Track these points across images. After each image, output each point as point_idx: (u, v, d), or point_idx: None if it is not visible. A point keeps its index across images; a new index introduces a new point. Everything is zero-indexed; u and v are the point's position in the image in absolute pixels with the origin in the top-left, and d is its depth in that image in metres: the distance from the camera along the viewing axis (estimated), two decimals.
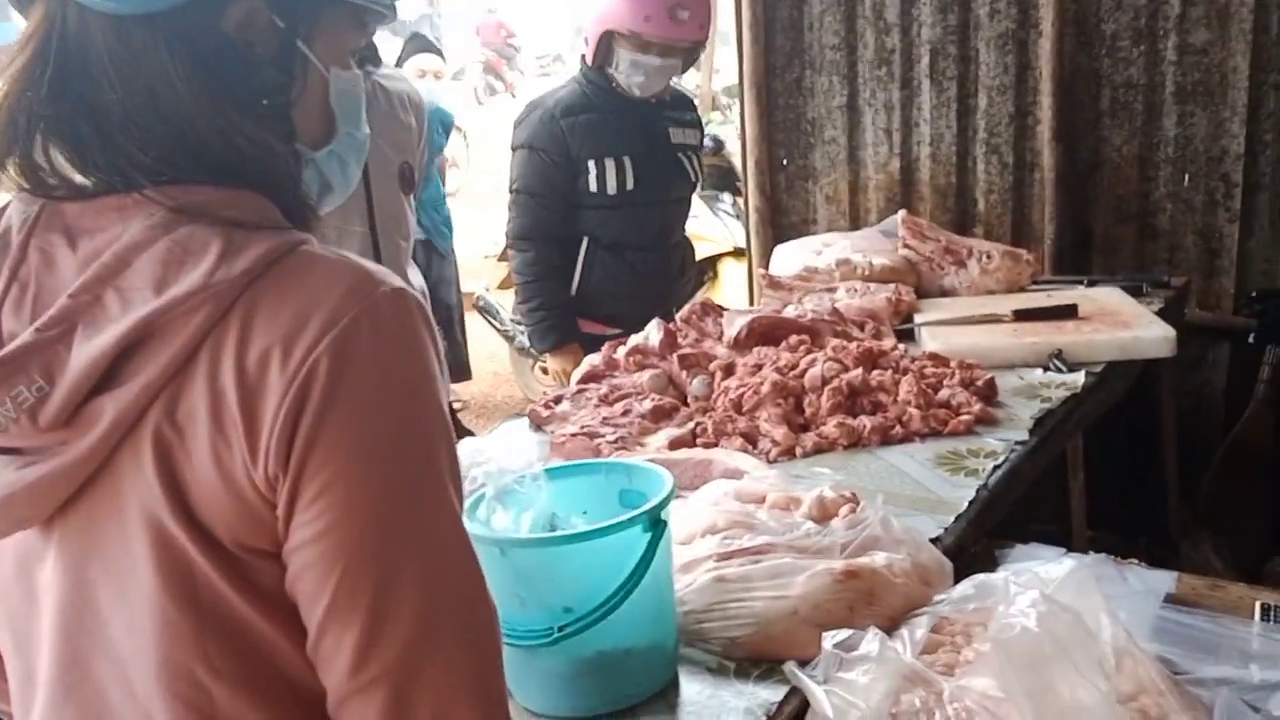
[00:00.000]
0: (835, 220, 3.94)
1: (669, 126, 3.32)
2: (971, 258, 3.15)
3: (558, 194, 3.21)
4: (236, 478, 0.85)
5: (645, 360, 2.52)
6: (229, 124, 0.91)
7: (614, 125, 3.22)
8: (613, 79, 3.18)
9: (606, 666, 1.35)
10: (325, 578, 0.85)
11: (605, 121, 3.21)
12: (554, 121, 3.17)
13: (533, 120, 3.22)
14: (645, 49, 3.10)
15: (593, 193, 3.20)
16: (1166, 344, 2.58)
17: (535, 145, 3.19)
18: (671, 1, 3.03)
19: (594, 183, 3.19)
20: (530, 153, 3.20)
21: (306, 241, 0.91)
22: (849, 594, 1.44)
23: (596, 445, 2.14)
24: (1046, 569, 1.39)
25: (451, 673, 0.86)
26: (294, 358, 0.84)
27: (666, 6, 3.03)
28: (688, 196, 3.49)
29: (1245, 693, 1.35)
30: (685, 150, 3.36)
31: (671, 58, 3.16)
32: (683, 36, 3.11)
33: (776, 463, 2.07)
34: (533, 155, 3.19)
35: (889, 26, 3.70)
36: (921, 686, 1.25)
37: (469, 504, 1.38)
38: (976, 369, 2.36)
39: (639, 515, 1.32)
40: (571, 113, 3.18)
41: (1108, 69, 3.39)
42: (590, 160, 3.18)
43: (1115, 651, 1.27)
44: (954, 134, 3.67)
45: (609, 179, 3.19)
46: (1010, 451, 2.06)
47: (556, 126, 3.16)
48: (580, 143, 3.17)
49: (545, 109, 3.21)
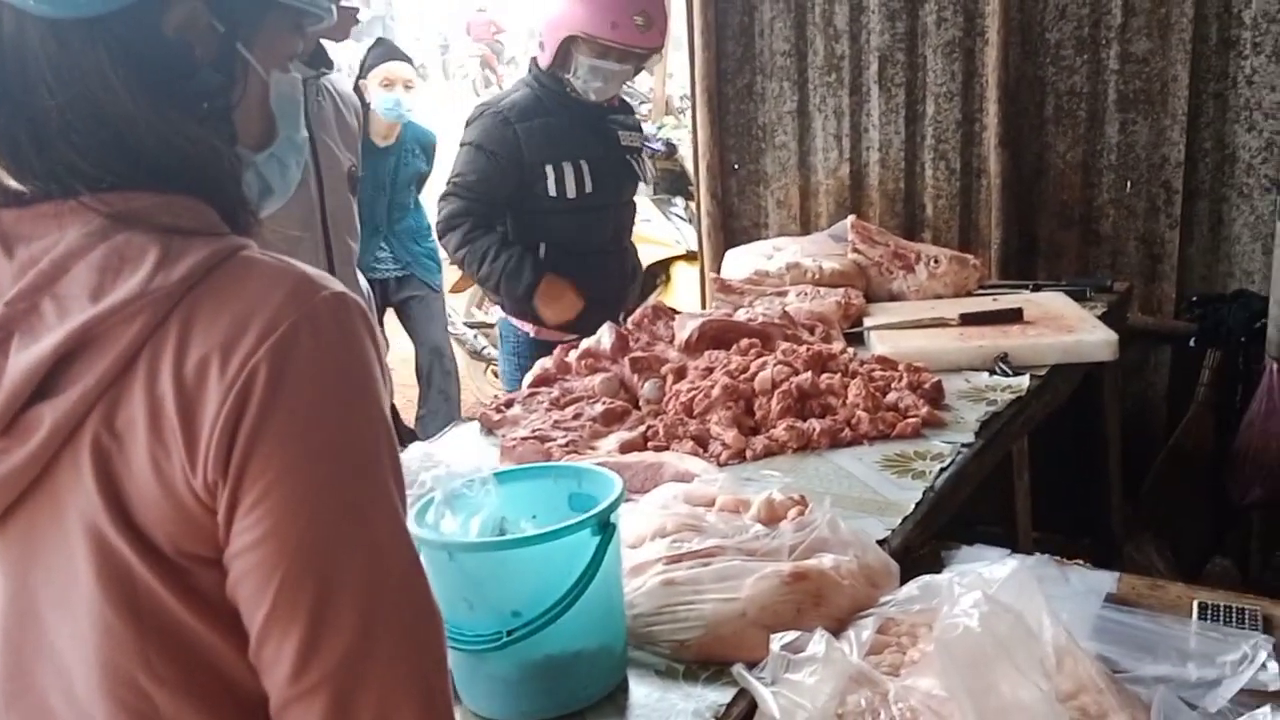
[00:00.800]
0: (786, 225, 3.98)
1: (617, 130, 3.33)
2: (920, 262, 3.19)
3: (493, 196, 3.17)
4: (176, 485, 0.85)
5: (597, 364, 2.52)
6: (170, 127, 0.90)
7: (568, 129, 3.21)
8: (567, 83, 3.18)
9: (555, 670, 1.35)
10: (266, 583, 0.84)
11: (560, 125, 3.20)
12: (508, 125, 3.15)
13: (484, 121, 3.19)
14: (605, 55, 3.10)
15: (553, 197, 3.18)
16: (1109, 348, 2.62)
17: (485, 145, 3.16)
18: (636, 8, 3.04)
19: (553, 187, 3.17)
20: (477, 151, 3.16)
21: (246, 246, 0.91)
22: (797, 596, 1.45)
23: (547, 449, 2.14)
24: (990, 570, 1.40)
25: (394, 677, 0.86)
26: (232, 365, 0.83)
27: (631, 14, 3.05)
28: (634, 199, 3.51)
29: (1182, 690, 1.37)
30: (632, 153, 3.38)
31: (628, 63, 3.17)
32: (646, 43, 3.12)
33: (727, 465, 2.08)
34: (479, 154, 3.16)
35: (838, 33, 3.73)
36: (867, 687, 1.27)
37: (417, 508, 1.37)
38: (924, 372, 2.38)
39: (587, 519, 1.32)
40: (526, 117, 3.16)
41: (1052, 77, 3.45)
42: (548, 165, 3.16)
43: (1056, 650, 1.29)
44: (902, 140, 3.71)
45: (568, 182, 3.18)
46: (956, 454, 2.08)
47: (510, 130, 3.14)
48: (536, 147, 3.16)
49: (498, 111, 3.19)
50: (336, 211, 2.66)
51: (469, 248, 3.17)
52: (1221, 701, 1.38)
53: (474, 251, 3.17)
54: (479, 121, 3.21)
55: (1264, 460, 3.14)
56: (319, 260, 2.57)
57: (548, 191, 3.17)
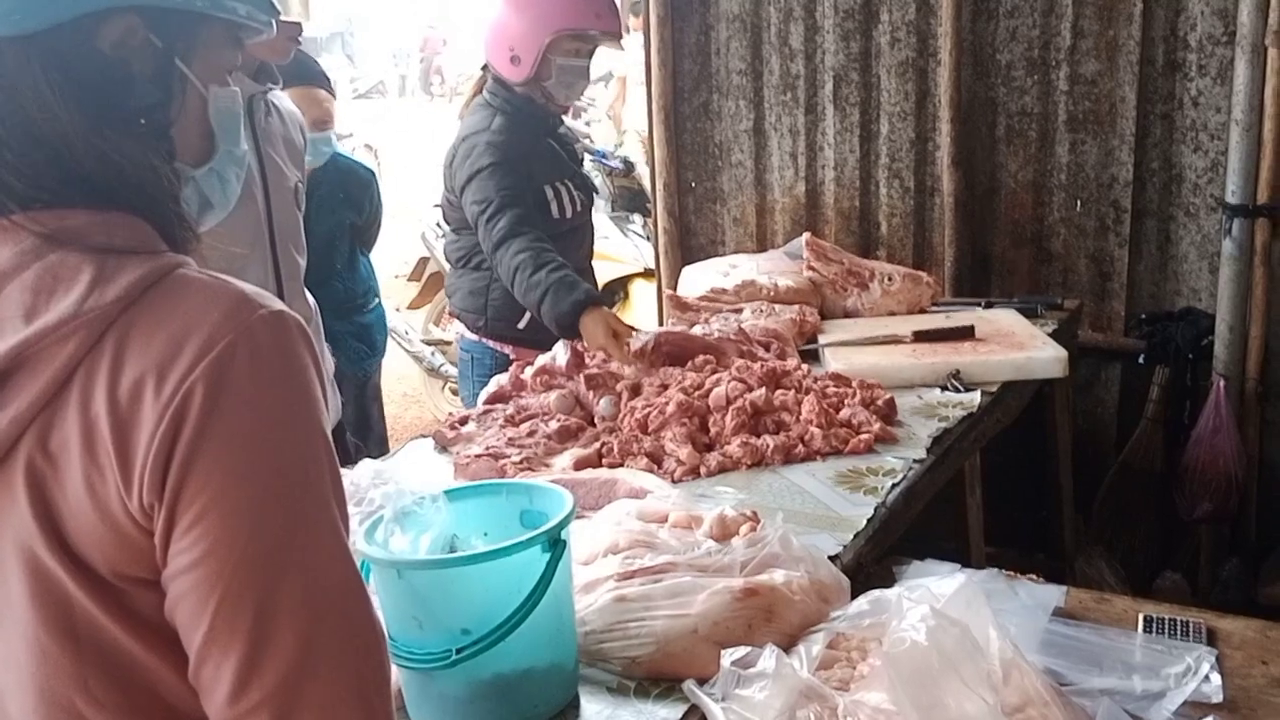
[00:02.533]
0: (743, 242, 4.00)
1: (571, 144, 3.33)
2: (874, 280, 3.21)
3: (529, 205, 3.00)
4: (111, 507, 0.84)
5: (552, 380, 2.52)
6: (107, 144, 0.89)
7: (546, 148, 3.16)
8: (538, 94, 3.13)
9: (505, 688, 1.35)
10: (204, 604, 0.83)
11: (543, 146, 3.14)
12: (509, 146, 3.00)
13: (485, 146, 3.01)
14: (579, 52, 3.09)
15: (555, 219, 3.10)
16: (1059, 364, 2.66)
17: (501, 162, 2.97)
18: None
19: (555, 209, 3.08)
20: (497, 169, 2.97)
21: (183, 264, 0.90)
22: (748, 612, 1.45)
23: (501, 466, 2.13)
24: (939, 584, 1.42)
25: (335, 698, 0.85)
26: (168, 385, 0.82)
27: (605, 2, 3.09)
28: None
29: (1128, 703, 1.39)
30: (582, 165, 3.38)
31: (591, 56, 3.18)
32: (618, 28, 3.14)
33: (681, 482, 2.08)
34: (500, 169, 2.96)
35: (794, 53, 3.77)
36: (817, 702, 1.27)
37: (366, 526, 1.36)
38: (877, 389, 2.40)
39: (538, 535, 1.32)
40: (516, 140, 3.07)
41: (1003, 97, 3.49)
42: (546, 186, 3.09)
43: (1003, 664, 1.30)
44: (857, 159, 3.75)
45: (565, 202, 3.12)
46: (909, 470, 2.10)
47: (513, 151, 3.04)
48: (539, 169, 3.07)
49: (490, 134, 3.03)
50: (284, 227, 2.64)
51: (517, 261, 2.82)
52: (1166, 713, 1.39)
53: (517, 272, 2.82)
54: (480, 148, 3.01)
55: (1211, 475, 3.19)
56: (267, 276, 2.55)
57: (552, 213, 3.07)
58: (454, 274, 3.36)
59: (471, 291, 3.26)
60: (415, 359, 5.83)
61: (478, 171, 2.98)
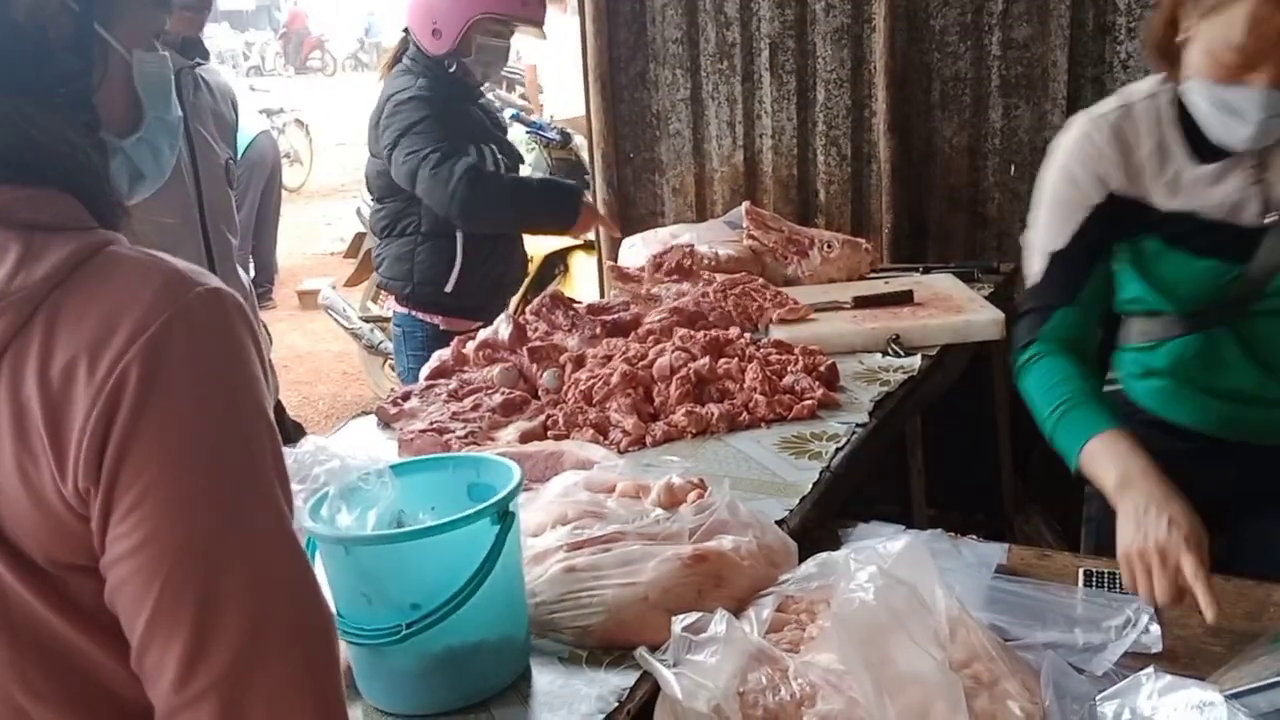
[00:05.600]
0: (683, 212, 3.99)
1: (495, 113, 3.37)
2: (813, 247, 3.23)
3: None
4: (45, 494, 0.81)
5: (495, 354, 2.50)
6: (23, 117, 0.86)
7: (468, 114, 3.24)
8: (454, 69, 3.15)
9: (457, 661, 1.34)
10: (145, 591, 0.81)
11: (466, 111, 3.22)
12: (438, 103, 3.10)
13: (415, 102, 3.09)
14: (502, 33, 3.13)
15: None
16: (996, 327, 2.69)
17: (436, 114, 3.06)
18: None
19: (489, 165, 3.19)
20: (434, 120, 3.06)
21: (114, 242, 0.87)
22: (697, 578, 1.46)
23: (446, 441, 2.12)
24: (885, 545, 1.43)
25: (284, 681, 0.84)
26: (101, 366, 0.80)
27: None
28: None
29: (1070, 655, 1.42)
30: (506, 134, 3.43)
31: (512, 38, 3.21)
32: (542, 17, 3.22)
33: (627, 452, 2.09)
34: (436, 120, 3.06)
35: (729, 20, 3.76)
36: (768, 664, 1.28)
37: (311, 503, 1.35)
38: (819, 355, 2.42)
39: (486, 508, 1.32)
40: (440, 102, 3.13)
41: (937, 63, 3.51)
42: (471, 146, 3.16)
43: (949, 621, 1.32)
44: (794, 126, 3.76)
45: (490, 165, 3.19)
46: (852, 434, 2.12)
47: (441, 109, 3.10)
48: (462, 129, 3.15)
49: (416, 91, 3.11)
50: (214, 205, 2.60)
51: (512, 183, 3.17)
52: (1108, 664, 1.42)
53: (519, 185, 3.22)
54: (410, 105, 3.09)
55: None
56: (199, 255, 2.51)
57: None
58: (380, 244, 3.39)
59: (397, 258, 3.30)
60: (354, 336, 5.77)
61: (410, 126, 3.07)
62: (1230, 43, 1.53)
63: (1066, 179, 1.76)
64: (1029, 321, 1.81)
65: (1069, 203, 1.76)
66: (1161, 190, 1.71)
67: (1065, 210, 1.76)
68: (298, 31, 25.37)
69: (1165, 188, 1.71)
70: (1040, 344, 1.77)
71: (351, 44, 26.41)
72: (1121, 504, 1.52)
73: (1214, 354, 1.78)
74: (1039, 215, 1.81)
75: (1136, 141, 1.72)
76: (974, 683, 1.27)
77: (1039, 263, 1.80)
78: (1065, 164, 1.77)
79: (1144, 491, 1.50)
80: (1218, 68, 1.56)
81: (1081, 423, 1.66)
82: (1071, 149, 1.77)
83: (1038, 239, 1.81)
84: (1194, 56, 1.60)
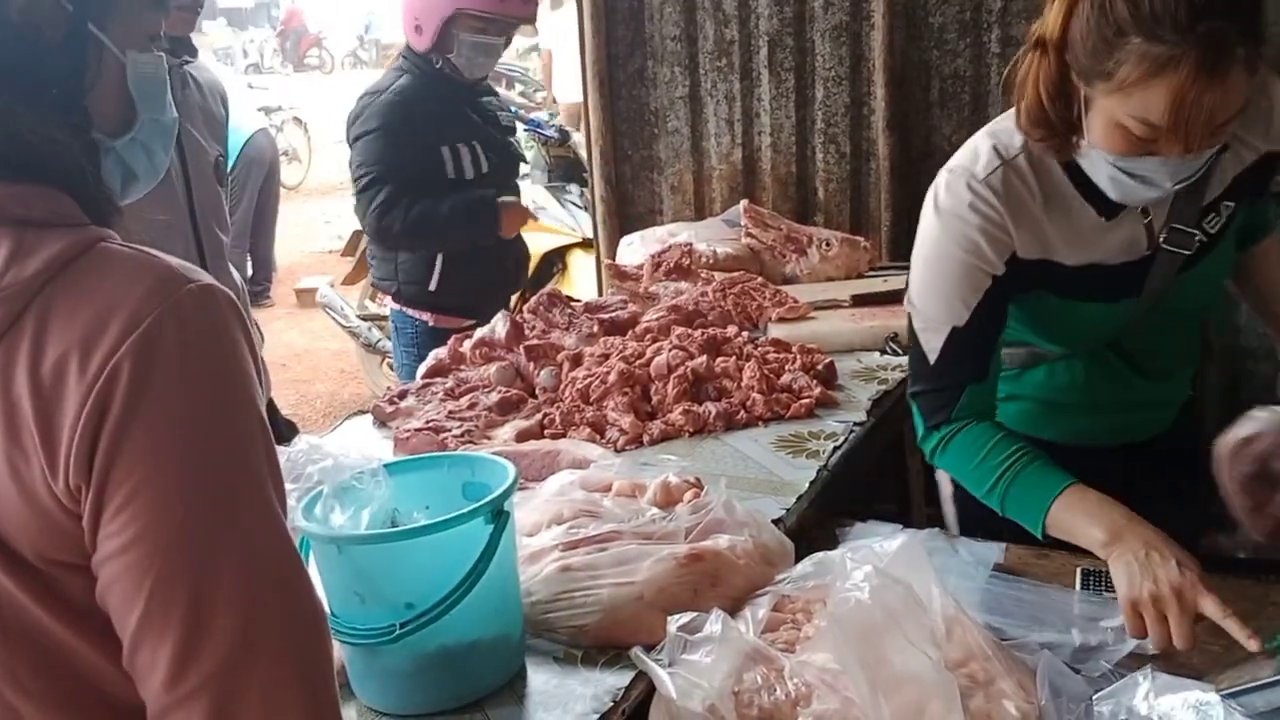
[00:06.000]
0: (681, 210, 3.98)
1: (496, 111, 3.35)
2: (812, 245, 3.23)
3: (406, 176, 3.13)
4: (36, 491, 0.81)
5: (492, 353, 2.50)
6: (11, 116, 0.86)
7: (457, 112, 3.22)
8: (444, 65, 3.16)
9: (451, 661, 1.34)
10: (137, 588, 0.81)
11: (449, 108, 3.20)
12: (406, 105, 3.11)
13: (378, 106, 3.13)
14: (485, 29, 3.11)
15: (452, 179, 3.17)
16: None
17: (386, 127, 3.09)
18: None
19: (452, 169, 3.17)
20: (380, 135, 3.10)
21: (105, 238, 0.87)
22: (693, 577, 1.45)
23: (442, 440, 2.11)
24: (881, 544, 1.42)
25: (276, 679, 0.83)
26: (93, 363, 0.80)
27: None
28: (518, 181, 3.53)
29: (1066, 655, 1.41)
30: (510, 133, 3.40)
31: (503, 36, 3.19)
32: (524, 13, 3.18)
33: (624, 451, 2.08)
34: (382, 137, 3.10)
35: (728, 18, 3.75)
36: (763, 664, 1.28)
37: (305, 502, 1.34)
38: (817, 353, 2.41)
39: (480, 507, 1.31)
40: (419, 99, 3.14)
41: (936, 60, 3.51)
42: (444, 147, 3.16)
43: (945, 620, 1.31)
44: (793, 124, 3.75)
45: (465, 164, 3.18)
46: (849, 433, 2.12)
47: (409, 110, 3.11)
48: (435, 129, 3.14)
49: (388, 94, 3.15)
50: (205, 203, 2.60)
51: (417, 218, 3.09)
52: (1104, 666, 1.42)
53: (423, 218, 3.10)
54: (373, 109, 3.14)
55: None
56: (190, 252, 2.51)
57: (447, 174, 3.16)
58: (370, 244, 3.42)
59: (384, 259, 3.34)
60: (352, 335, 5.76)
61: (363, 134, 3.13)
62: (1147, 119, 1.38)
63: (964, 248, 1.59)
64: (937, 400, 1.67)
65: (970, 272, 1.60)
66: (1064, 247, 1.61)
67: (967, 281, 1.60)
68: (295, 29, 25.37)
69: (1067, 244, 1.61)
70: (955, 423, 1.66)
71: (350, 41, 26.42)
72: (1117, 556, 1.47)
73: (1093, 372, 1.74)
74: (931, 285, 1.65)
75: (1028, 200, 1.60)
76: (970, 682, 1.26)
77: (937, 338, 1.64)
78: (962, 231, 1.60)
79: (1140, 539, 1.46)
80: (1128, 142, 1.43)
81: (1033, 488, 1.57)
82: (964, 215, 1.60)
83: (933, 311, 1.64)
84: (1096, 128, 1.46)
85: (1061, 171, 1.60)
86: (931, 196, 1.66)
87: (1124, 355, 1.74)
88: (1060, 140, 1.53)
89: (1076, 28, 1.43)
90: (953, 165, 1.66)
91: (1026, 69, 1.53)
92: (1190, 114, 1.35)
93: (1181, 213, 1.61)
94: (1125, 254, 1.63)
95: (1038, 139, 1.55)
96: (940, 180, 1.66)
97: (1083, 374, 1.76)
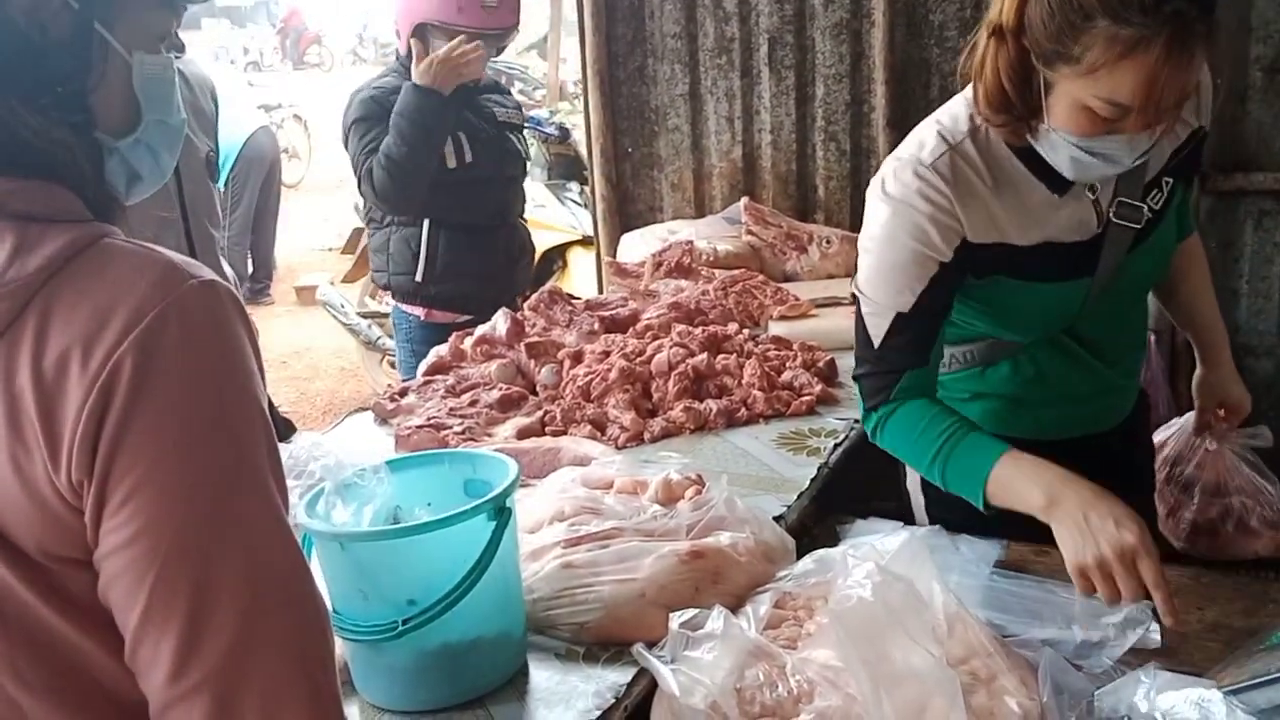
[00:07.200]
0: (681, 208, 3.98)
1: (493, 106, 3.34)
2: (812, 243, 3.23)
3: None
4: (38, 485, 0.81)
5: (493, 350, 2.50)
6: (11, 114, 0.85)
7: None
8: None
9: (453, 657, 1.34)
10: (139, 584, 0.81)
11: None
12: (382, 100, 3.12)
13: (361, 102, 3.16)
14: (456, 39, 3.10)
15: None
16: None
17: (368, 118, 3.12)
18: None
19: None
20: (363, 123, 3.13)
21: (108, 234, 0.87)
22: (695, 574, 1.46)
23: (443, 437, 2.11)
24: (883, 541, 1.43)
25: (278, 675, 0.83)
26: (95, 358, 0.80)
27: None
28: (520, 175, 3.49)
29: (1068, 652, 1.41)
30: (511, 128, 3.38)
31: (485, 45, 3.17)
32: (495, 24, 3.15)
33: (625, 448, 2.08)
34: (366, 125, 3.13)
35: (728, 15, 3.75)
36: (765, 661, 1.28)
37: (307, 499, 1.34)
38: (817, 351, 2.42)
39: (482, 504, 1.31)
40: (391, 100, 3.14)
41: (936, 58, 3.51)
42: None
43: (947, 617, 1.32)
44: (793, 122, 3.75)
45: (447, 153, 3.17)
46: (850, 430, 2.12)
47: (388, 101, 3.11)
48: None
49: (373, 90, 3.17)
50: (196, 199, 2.60)
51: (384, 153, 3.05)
52: (1106, 662, 1.42)
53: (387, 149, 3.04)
54: (355, 104, 3.19)
55: None
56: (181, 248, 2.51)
57: None
58: (369, 237, 3.44)
59: (376, 249, 3.36)
60: (352, 332, 5.76)
61: (351, 124, 3.16)
62: (1115, 99, 1.39)
63: (913, 235, 1.59)
64: (877, 383, 1.67)
65: (917, 259, 1.60)
66: (1015, 228, 1.61)
67: (914, 268, 1.60)
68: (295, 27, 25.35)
69: (1019, 224, 1.61)
70: (893, 402, 1.66)
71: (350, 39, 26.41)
72: (1058, 519, 1.47)
73: (1055, 362, 1.75)
74: (878, 271, 1.65)
75: (977, 183, 1.60)
76: (971, 679, 1.26)
77: (882, 323, 1.64)
78: (910, 219, 1.59)
79: (1077, 499, 1.46)
80: (1092, 123, 1.44)
81: (971, 456, 1.57)
82: (913, 202, 1.59)
83: (880, 297, 1.64)
84: (1059, 111, 1.46)
85: (1010, 152, 1.61)
86: (878, 184, 1.66)
87: (1082, 342, 1.75)
88: (1019, 124, 1.54)
89: (1034, 12, 1.43)
90: (899, 154, 1.66)
91: (983, 56, 1.53)
92: (1162, 93, 1.37)
93: (1127, 189, 1.64)
94: (1077, 233, 1.65)
95: (999, 124, 1.56)
96: (887, 168, 1.66)
97: (1045, 365, 1.77)
